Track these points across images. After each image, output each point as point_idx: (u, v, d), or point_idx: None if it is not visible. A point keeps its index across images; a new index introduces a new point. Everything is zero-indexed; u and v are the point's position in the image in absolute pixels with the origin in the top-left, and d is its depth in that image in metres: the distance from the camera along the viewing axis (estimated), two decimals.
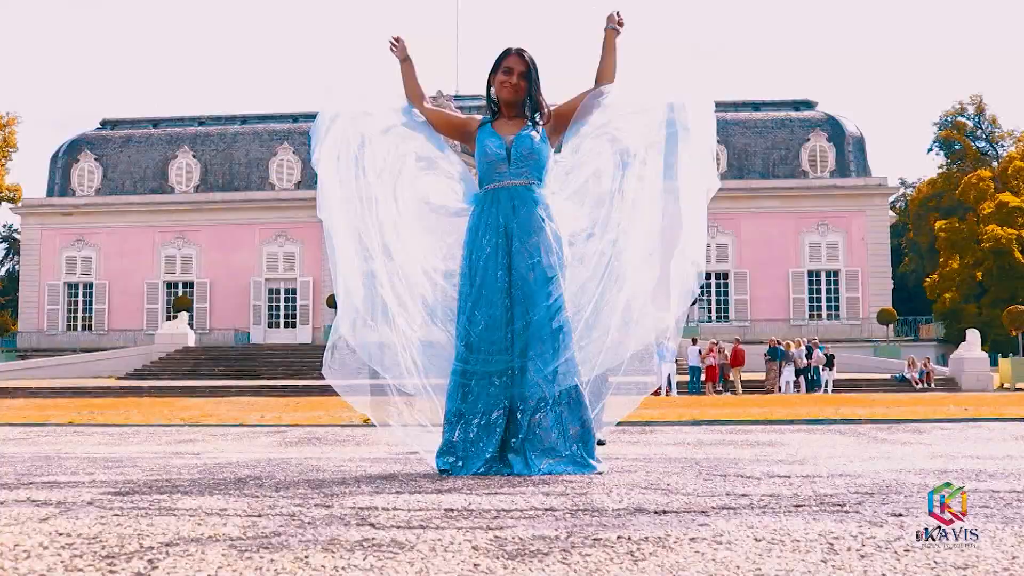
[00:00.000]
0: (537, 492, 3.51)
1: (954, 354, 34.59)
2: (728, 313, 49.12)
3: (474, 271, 4.46)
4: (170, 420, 10.61)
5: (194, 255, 52.15)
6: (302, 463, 4.99)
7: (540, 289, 4.35)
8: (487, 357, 4.35)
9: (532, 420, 4.28)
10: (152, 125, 57.38)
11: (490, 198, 4.56)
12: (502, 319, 4.38)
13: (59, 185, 54.88)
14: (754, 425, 9.34)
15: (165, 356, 41.70)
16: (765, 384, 30.96)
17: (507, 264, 4.42)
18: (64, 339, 51.31)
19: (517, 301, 4.38)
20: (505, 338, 4.37)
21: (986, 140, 64.82)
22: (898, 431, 8.29)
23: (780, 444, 6.82)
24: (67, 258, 52.74)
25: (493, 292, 4.39)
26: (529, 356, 4.32)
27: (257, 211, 51.98)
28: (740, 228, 49.33)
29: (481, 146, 4.63)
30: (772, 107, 54.46)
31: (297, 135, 54.77)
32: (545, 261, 4.38)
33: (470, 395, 4.36)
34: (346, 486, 3.68)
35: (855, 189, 49.69)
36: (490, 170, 4.60)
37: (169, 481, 3.95)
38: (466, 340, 4.42)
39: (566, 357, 4.33)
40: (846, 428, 8.80)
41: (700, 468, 4.43)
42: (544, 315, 4.34)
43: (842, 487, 3.56)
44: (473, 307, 4.42)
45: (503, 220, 4.48)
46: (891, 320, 45.71)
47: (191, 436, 8.23)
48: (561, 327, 4.36)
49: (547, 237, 4.44)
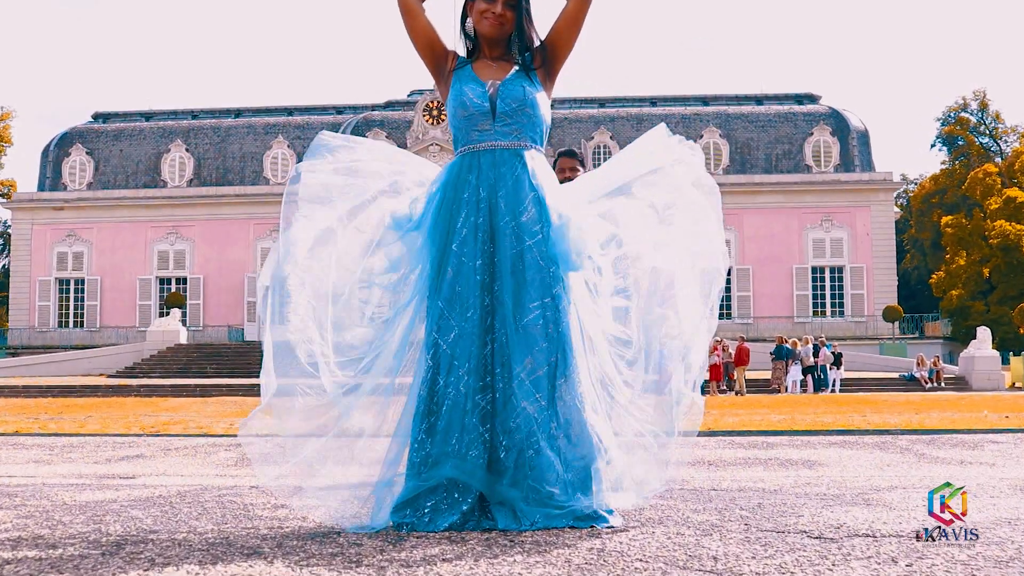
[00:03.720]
0: (527, 561, 2.54)
1: (964, 352, 33.75)
2: (731, 310, 48.34)
3: (445, 260, 3.36)
4: (128, 429, 9.65)
5: (187, 250, 51.52)
6: (236, 500, 4.01)
7: (534, 283, 3.29)
8: (461, 377, 3.24)
9: (521, 458, 3.17)
10: (144, 118, 56.68)
11: (468, 164, 3.44)
12: (481, 325, 3.29)
13: (50, 179, 54.27)
14: (777, 437, 8.37)
15: (157, 353, 41.05)
16: (771, 383, 30.05)
17: (490, 251, 3.34)
18: (56, 336, 50.63)
19: (502, 300, 3.30)
20: (484, 350, 3.28)
21: (989, 136, 64.08)
22: (944, 445, 7.32)
23: (817, 464, 5.84)
24: (58, 254, 52.10)
25: (470, 289, 3.30)
26: (515, 374, 3.23)
27: (251, 206, 51.26)
28: (743, 224, 48.59)
29: (457, 95, 3.50)
30: (775, 101, 53.79)
31: (292, 128, 54.18)
32: (542, 246, 3.31)
33: (438, 426, 3.24)
34: (253, 558, 2.68)
35: (860, 184, 48.97)
36: (468, 128, 3.47)
37: (24, 538, 2.98)
38: (434, 354, 3.30)
39: (567, 375, 3.26)
40: (883, 441, 7.82)
41: (743, 513, 3.41)
42: (538, 318, 3.27)
43: (958, 559, 2.56)
44: (444, 310, 3.32)
45: (485, 193, 3.38)
46: (897, 317, 44.92)
47: (140, 451, 7.27)
48: (562, 335, 3.28)
49: (547, 215, 3.36)
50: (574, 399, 3.25)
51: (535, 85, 3.53)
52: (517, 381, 3.22)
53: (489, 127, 3.45)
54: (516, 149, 3.44)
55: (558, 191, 3.50)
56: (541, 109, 3.51)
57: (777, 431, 8.79)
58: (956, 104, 64.08)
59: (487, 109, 3.45)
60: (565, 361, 3.27)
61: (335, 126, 53.76)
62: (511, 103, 3.45)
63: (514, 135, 3.45)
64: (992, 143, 64.17)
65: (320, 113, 56.03)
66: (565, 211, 3.40)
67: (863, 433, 8.51)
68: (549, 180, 3.48)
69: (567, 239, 3.34)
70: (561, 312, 3.30)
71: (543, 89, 3.56)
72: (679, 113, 52.68)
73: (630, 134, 51.82)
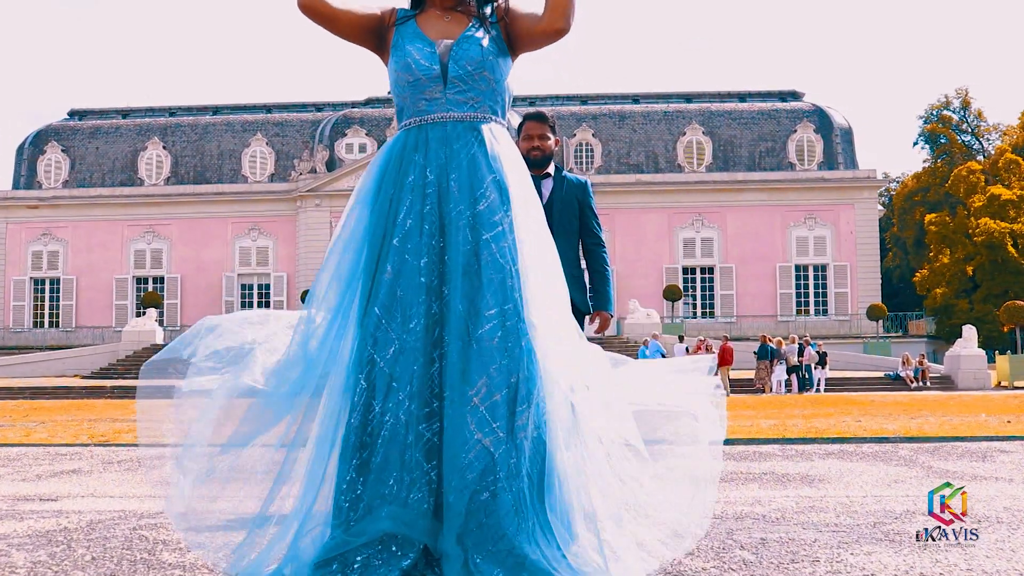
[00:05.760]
0: None
1: (950, 351, 33.41)
2: (714, 309, 47.97)
3: (383, 258, 2.72)
4: (76, 438, 9.05)
5: (164, 249, 50.92)
6: (149, 536, 3.43)
7: (492, 285, 2.66)
8: (402, 401, 2.59)
9: (474, 503, 2.51)
10: (121, 116, 55.99)
11: (413, 141, 2.82)
12: (427, 338, 2.66)
13: (25, 177, 53.61)
14: (768, 446, 7.83)
15: (132, 354, 40.34)
16: (755, 383, 29.61)
17: (439, 247, 2.72)
18: (30, 336, 49.90)
19: (453, 306, 2.66)
20: (430, 369, 2.64)
21: (972, 134, 63.95)
22: (950, 455, 6.80)
23: (818, 481, 5.31)
24: (33, 253, 51.39)
25: (413, 293, 2.68)
26: (468, 398, 2.57)
27: (229, 204, 50.71)
28: (726, 221, 48.28)
29: (400, 56, 2.85)
30: (758, 98, 53.49)
31: (271, 126, 53.64)
32: (503, 241, 2.70)
33: (373, 463, 2.59)
34: None
35: (843, 182, 48.74)
36: (413, 96, 2.84)
37: None
38: (368, 373, 2.65)
39: (531, 400, 2.59)
40: (882, 450, 7.29)
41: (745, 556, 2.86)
42: (496, 328, 2.63)
43: None
44: (381, 318, 2.67)
45: (434, 175, 2.76)
46: (881, 316, 44.64)
47: (80, 464, 6.68)
48: (526, 350, 2.63)
49: (509, 203, 2.75)
50: (540, 430, 2.60)
51: (496, 44, 2.88)
52: (470, 407, 2.57)
53: (439, 95, 2.83)
54: (473, 122, 2.83)
55: (525, 175, 2.88)
56: (502, 72, 2.88)
57: (768, 439, 8.26)
58: (939, 102, 63.94)
59: (436, 73, 2.82)
60: (530, 382, 2.62)
61: (314, 123, 53.14)
62: (466, 65, 2.82)
63: (470, 105, 2.83)
64: (974, 141, 64.03)
65: (299, 110, 55.39)
66: (530, 199, 2.81)
67: (860, 441, 7.99)
68: (513, 160, 2.86)
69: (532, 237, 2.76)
70: (524, 322, 2.66)
71: (506, 50, 2.91)
72: (662, 110, 52.28)
73: (612, 131, 51.38)
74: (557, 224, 4.62)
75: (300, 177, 49.72)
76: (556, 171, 4.98)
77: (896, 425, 10.03)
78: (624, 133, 51.53)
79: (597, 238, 5.04)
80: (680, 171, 50.24)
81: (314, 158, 50.38)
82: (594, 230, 5.02)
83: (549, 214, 4.52)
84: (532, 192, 2.88)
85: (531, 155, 4.77)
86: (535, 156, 4.79)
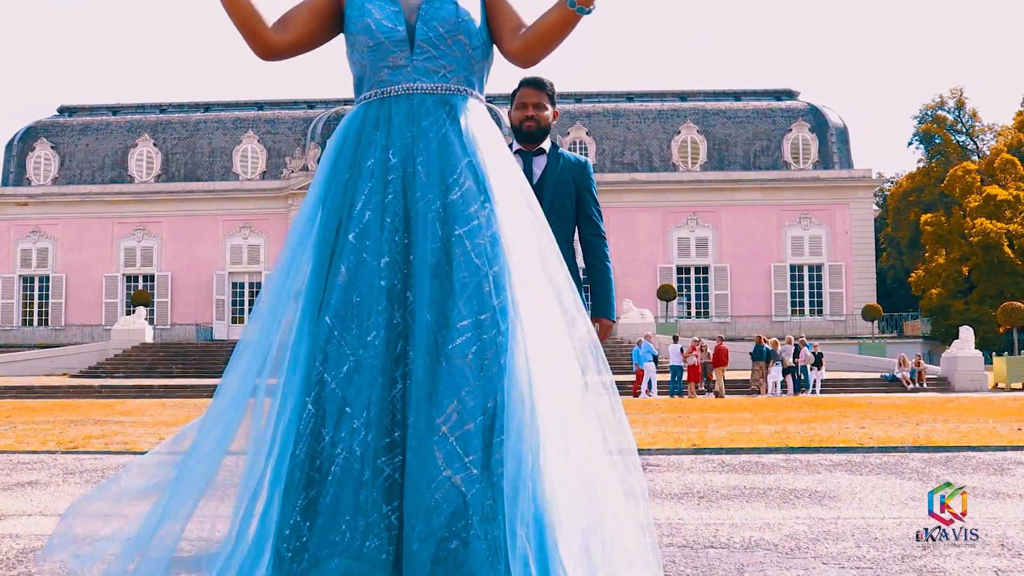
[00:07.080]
0: None
1: (946, 353, 33.14)
2: (708, 309, 47.71)
3: (337, 257, 2.29)
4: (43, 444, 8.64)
5: (155, 247, 50.61)
6: None
7: (466, 290, 2.22)
8: (357, 430, 2.15)
9: (441, 551, 2.05)
10: (111, 112, 55.66)
11: (373, 117, 2.38)
12: (387, 353, 2.22)
13: (14, 174, 53.34)
14: (771, 455, 7.44)
15: (122, 353, 40.11)
16: (750, 384, 29.26)
17: (403, 244, 2.29)
18: (19, 335, 49.58)
19: (419, 316, 2.23)
20: (391, 390, 2.20)
21: (966, 134, 63.72)
22: (965, 468, 6.42)
23: (827, 498, 4.91)
24: (22, 250, 51.11)
25: (372, 299, 2.24)
26: (435, 427, 2.12)
27: (220, 202, 50.43)
28: (720, 221, 48.02)
29: (357, 15, 2.40)
30: (753, 97, 53.25)
31: (262, 123, 53.32)
32: (479, 237, 2.26)
33: (322, 504, 2.15)
34: None
35: (838, 181, 48.54)
36: (375, 63, 2.40)
37: None
38: (317, 395, 2.22)
39: (510, 429, 2.11)
40: (892, 461, 6.90)
41: None
42: (471, 342, 2.18)
43: None
44: (333, 329, 2.24)
45: (397, 158, 2.32)
46: (876, 316, 44.38)
47: (37, 475, 6.27)
48: (504, 369, 2.16)
49: (488, 191, 2.31)
50: (520, 465, 2.12)
51: (475, 5, 2.44)
52: (438, 437, 2.13)
53: (404, 62, 2.39)
54: (445, 95, 2.39)
55: (508, 158, 2.42)
56: (478, 36, 2.43)
57: (771, 448, 7.87)
58: (933, 102, 63.74)
59: (402, 35, 2.38)
60: (510, 408, 2.15)
61: (306, 121, 52.74)
62: (437, 27, 2.38)
63: (441, 74, 2.39)
64: (969, 141, 63.81)
65: (291, 108, 55.02)
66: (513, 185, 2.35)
67: (867, 451, 7.60)
68: (493, 141, 2.42)
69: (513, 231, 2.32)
70: (504, 335, 2.21)
71: (483, 7, 2.47)
72: (656, 109, 51.98)
73: (607, 130, 51.03)
74: (548, 209, 3.96)
75: (292, 175, 49.33)
76: (552, 148, 4.32)
77: (902, 432, 9.66)
78: (618, 131, 51.20)
79: (597, 228, 4.38)
80: (675, 170, 49.94)
81: (306, 156, 49.96)
82: (593, 218, 4.37)
83: (540, 196, 3.93)
84: (519, 179, 2.43)
85: (524, 127, 4.17)
86: (529, 128, 4.17)
